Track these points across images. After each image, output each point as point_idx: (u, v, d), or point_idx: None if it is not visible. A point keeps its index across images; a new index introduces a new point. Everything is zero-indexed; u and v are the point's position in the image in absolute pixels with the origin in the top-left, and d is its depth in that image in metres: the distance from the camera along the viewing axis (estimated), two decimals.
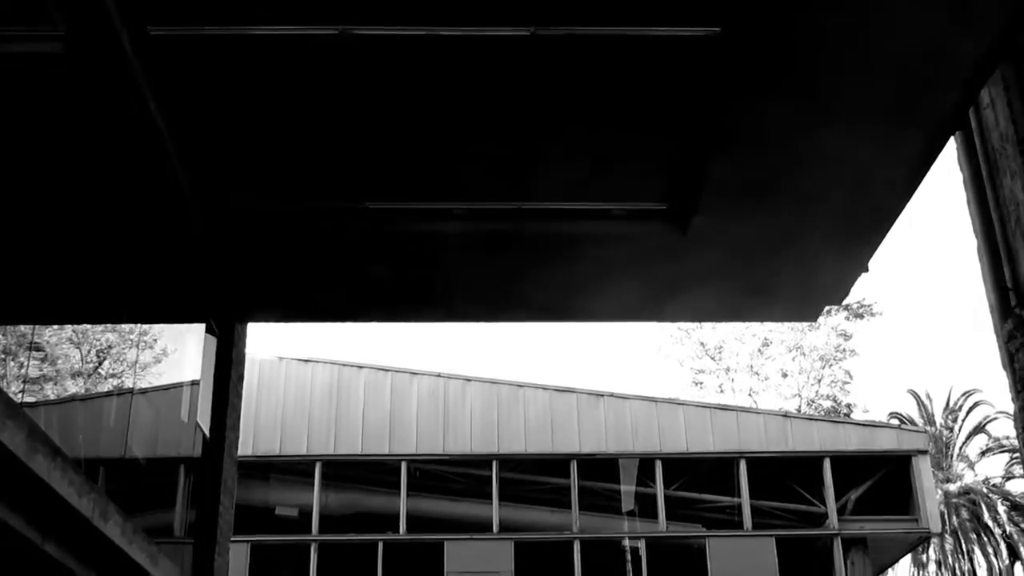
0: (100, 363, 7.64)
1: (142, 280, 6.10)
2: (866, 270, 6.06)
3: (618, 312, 6.73)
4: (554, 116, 4.83)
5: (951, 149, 5.74)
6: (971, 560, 35.93)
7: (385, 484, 20.39)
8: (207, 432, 8.79)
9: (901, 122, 4.82)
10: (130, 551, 6.21)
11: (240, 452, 9.52)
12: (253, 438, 19.69)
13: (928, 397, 41.22)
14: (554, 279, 6.11)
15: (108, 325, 7.71)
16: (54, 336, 6.98)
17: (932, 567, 37.68)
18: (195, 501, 8.84)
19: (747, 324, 41.97)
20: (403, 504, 19.84)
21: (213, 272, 6.04)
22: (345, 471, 20.61)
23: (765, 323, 41.89)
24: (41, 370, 6.77)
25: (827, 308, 8.71)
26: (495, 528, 19.69)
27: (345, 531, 20.08)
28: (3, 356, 6.38)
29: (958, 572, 36.19)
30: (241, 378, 9.29)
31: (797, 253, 5.83)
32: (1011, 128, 5.25)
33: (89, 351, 7.44)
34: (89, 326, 7.42)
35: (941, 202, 66.23)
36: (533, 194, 5.37)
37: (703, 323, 42.02)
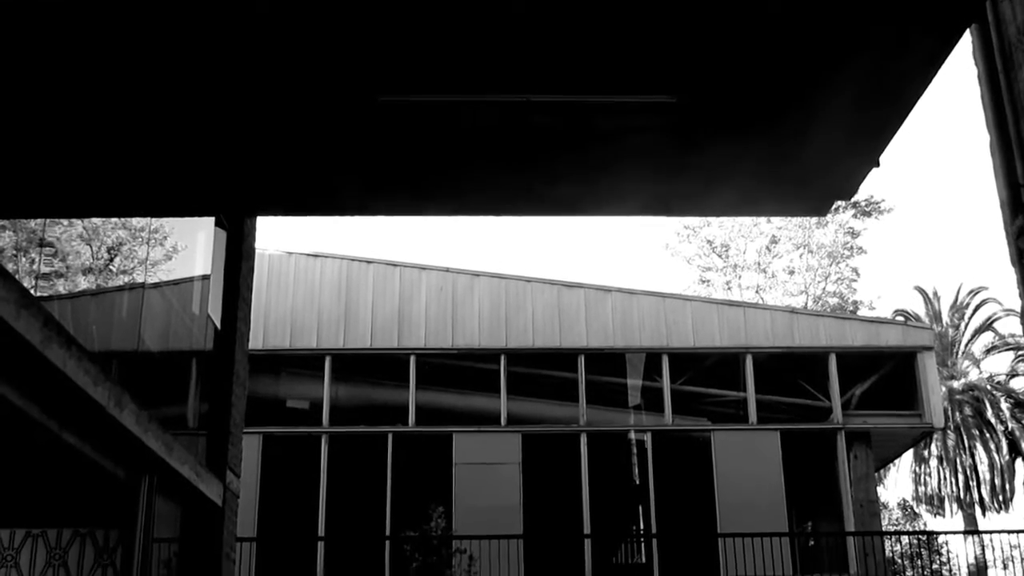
0: (111, 259, 7.68)
1: (150, 174, 6.09)
2: (877, 165, 6.02)
3: (627, 207, 6.71)
4: (560, 6, 4.76)
5: (966, 43, 5.66)
6: (972, 456, 36.50)
7: (394, 377, 20.64)
8: (218, 324, 8.89)
9: (915, 12, 4.74)
10: (145, 439, 6.33)
11: (250, 346, 9.63)
12: (263, 332, 19.90)
13: (935, 295, 41.32)
14: (562, 173, 6.08)
15: (118, 222, 7.73)
16: (64, 233, 7.01)
17: (934, 462, 38.28)
18: (208, 393, 8.99)
19: (755, 221, 41.96)
20: (412, 397, 20.12)
21: (221, 165, 6.02)
22: (355, 364, 20.85)
23: (773, 220, 41.84)
24: (52, 266, 6.82)
25: (836, 204, 8.67)
26: (503, 420, 19.99)
27: (355, 423, 20.40)
28: (15, 252, 6.41)
29: (959, 467, 36.78)
30: (251, 271, 9.36)
31: (808, 147, 5.79)
32: None
33: (100, 247, 7.48)
34: (100, 223, 7.44)
35: (954, 97, 65.43)
36: (541, 86, 5.31)
37: (710, 220, 42.01)
